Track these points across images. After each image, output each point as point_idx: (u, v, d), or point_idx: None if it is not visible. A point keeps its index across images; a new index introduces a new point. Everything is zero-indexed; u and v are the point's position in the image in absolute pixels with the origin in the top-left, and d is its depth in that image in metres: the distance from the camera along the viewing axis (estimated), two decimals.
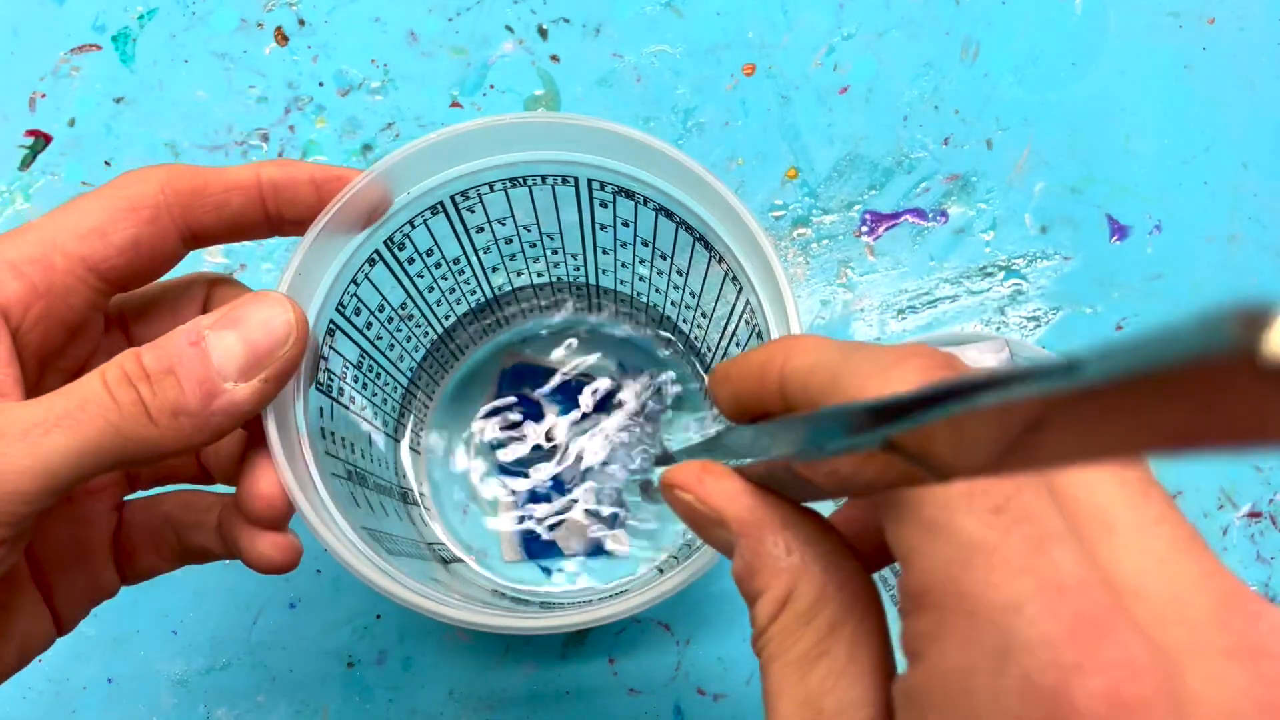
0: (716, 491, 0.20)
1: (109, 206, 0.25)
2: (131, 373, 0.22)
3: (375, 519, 0.32)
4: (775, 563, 0.19)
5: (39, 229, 0.25)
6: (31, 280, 0.24)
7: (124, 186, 0.25)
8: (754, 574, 0.19)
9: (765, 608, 0.19)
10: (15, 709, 0.39)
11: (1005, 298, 0.43)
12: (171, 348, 0.22)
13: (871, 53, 0.46)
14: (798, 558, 0.19)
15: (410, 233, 0.30)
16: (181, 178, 0.25)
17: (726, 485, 0.20)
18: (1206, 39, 0.46)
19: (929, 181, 0.44)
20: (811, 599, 0.18)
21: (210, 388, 0.22)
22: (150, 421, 0.22)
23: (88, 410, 0.21)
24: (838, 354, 0.18)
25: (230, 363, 0.23)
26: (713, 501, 0.20)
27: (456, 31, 0.46)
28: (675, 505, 0.21)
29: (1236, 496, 0.41)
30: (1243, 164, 0.44)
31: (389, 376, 0.35)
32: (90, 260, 0.25)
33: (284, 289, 0.26)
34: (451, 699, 0.39)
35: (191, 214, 0.26)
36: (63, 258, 0.24)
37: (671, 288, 0.34)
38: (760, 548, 0.19)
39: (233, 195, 0.26)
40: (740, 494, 0.20)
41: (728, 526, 0.20)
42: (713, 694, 0.39)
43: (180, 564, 0.29)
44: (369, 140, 0.44)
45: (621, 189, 0.30)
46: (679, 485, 0.20)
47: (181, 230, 0.26)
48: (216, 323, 0.23)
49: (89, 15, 0.46)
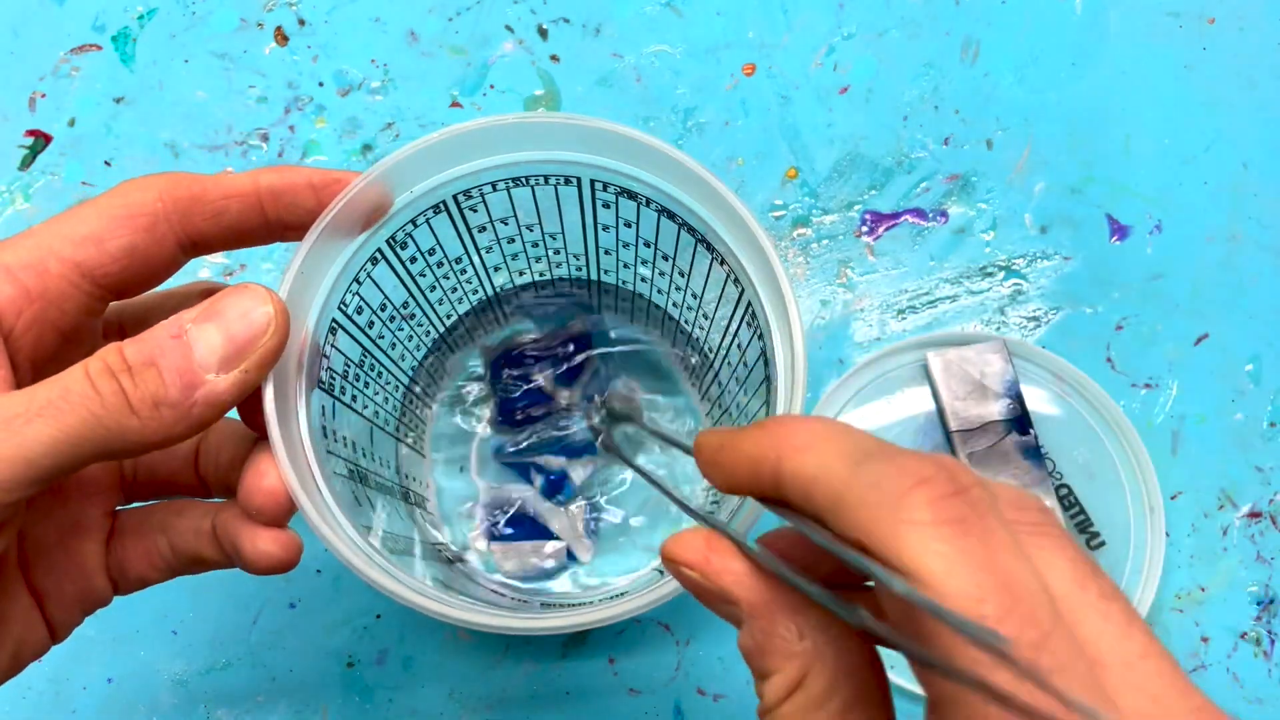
0: (724, 571, 0.20)
1: (106, 214, 0.25)
2: (113, 365, 0.22)
3: (377, 518, 0.32)
4: (787, 646, 0.19)
5: (35, 235, 0.25)
6: (25, 285, 0.24)
7: (122, 194, 0.25)
8: (764, 654, 0.19)
9: (776, 689, 0.19)
10: (15, 709, 0.39)
11: (1005, 298, 0.43)
12: (153, 340, 0.23)
13: (871, 53, 0.46)
14: (810, 643, 0.19)
15: (413, 231, 0.30)
16: (180, 185, 0.26)
17: (734, 566, 0.20)
18: (1206, 39, 0.46)
19: (929, 181, 0.44)
20: (824, 686, 0.18)
21: (191, 379, 0.23)
22: (131, 412, 0.22)
23: (69, 400, 0.22)
24: (841, 466, 0.18)
25: (211, 354, 0.23)
26: (720, 582, 0.20)
27: (456, 31, 0.46)
28: (679, 578, 0.21)
29: (1236, 496, 0.41)
30: (1243, 164, 0.44)
31: (391, 375, 0.35)
32: (85, 266, 0.25)
33: (285, 289, 0.26)
34: (451, 699, 0.39)
35: (190, 222, 0.26)
36: (57, 263, 0.24)
37: (673, 288, 0.34)
38: (772, 629, 0.19)
39: (231, 202, 0.26)
40: (748, 576, 0.19)
41: (738, 607, 0.19)
42: (713, 694, 0.39)
43: (172, 575, 0.29)
44: (369, 140, 0.44)
45: (624, 190, 0.30)
46: (684, 563, 0.20)
47: (180, 238, 0.26)
48: (198, 316, 0.23)
49: (89, 15, 0.46)
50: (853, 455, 0.18)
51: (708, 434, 0.21)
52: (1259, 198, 0.44)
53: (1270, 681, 0.39)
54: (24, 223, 0.43)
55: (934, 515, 0.16)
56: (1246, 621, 0.40)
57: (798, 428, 0.19)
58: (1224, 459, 0.42)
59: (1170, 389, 0.42)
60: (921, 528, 0.16)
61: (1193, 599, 0.40)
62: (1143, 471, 0.40)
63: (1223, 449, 0.42)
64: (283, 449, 0.25)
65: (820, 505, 0.18)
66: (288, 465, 0.25)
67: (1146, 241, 0.44)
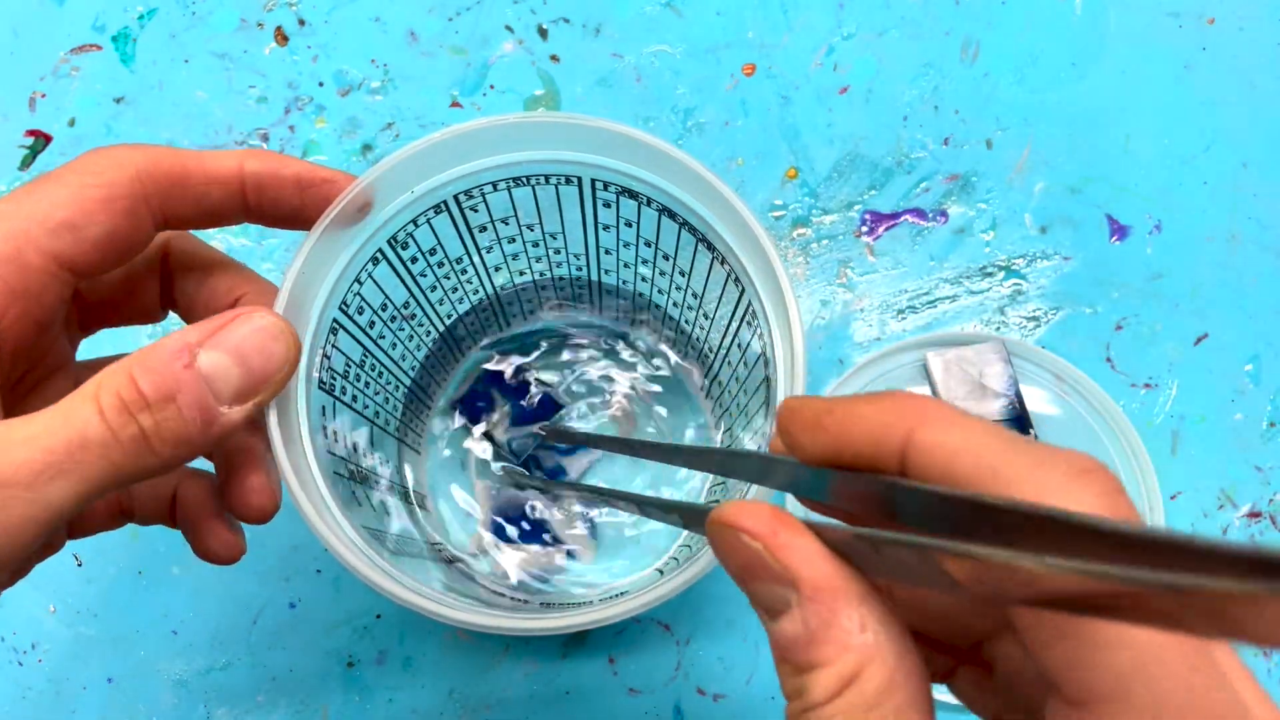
0: (793, 547, 0.18)
1: (80, 196, 0.23)
2: (130, 401, 0.21)
3: (376, 518, 0.32)
4: (847, 638, 0.17)
5: (7, 220, 0.23)
6: (8, 283, 0.23)
7: (95, 172, 0.24)
8: (816, 644, 0.18)
9: (827, 683, 0.17)
10: (15, 709, 0.39)
11: (1005, 298, 0.43)
12: (166, 370, 0.21)
13: (871, 53, 0.46)
14: (871, 636, 0.17)
15: (414, 231, 0.30)
16: (159, 165, 0.24)
17: (804, 544, 0.18)
18: (1206, 39, 0.46)
19: (929, 181, 0.44)
20: (881, 683, 0.17)
21: (209, 415, 0.22)
22: (152, 453, 0.21)
23: (90, 451, 0.21)
24: (994, 441, 0.17)
25: (227, 387, 0.22)
26: (786, 558, 0.18)
27: (456, 31, 0.46)
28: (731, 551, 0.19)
29: (1236, 496, 0.41)
30: (1243, 164, 0.44)
31: (391, 375, 0.35)
32: (63, 257, 0.23)
33: (287, 289, 0.26)
34: (451, 699, 0.39)
35: (169, 204, 0.25)
36: (37, 255, 0.23)
37: (674, 288, 0.34)
38: (834, 619, 0.17)
39: (214, 188, 0.25)
40: (819, 556, 0.18)
41: (797, 589, 0.18)
42: (713, 694, 0.39)
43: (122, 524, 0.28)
44: (369, 140, 0.44)
45: (625, 189, 0.30)
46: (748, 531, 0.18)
47: (156, 219, 0.25)
48: (206, 341, 0.22)
49: (89, 15, 0.46)
50: (1002, 435, 0.17)
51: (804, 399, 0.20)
52: (1259, 198, 0.44)
53: (1270, 681, 0.39)
54: None
55: (1106, 506, 0.16)
56: None
57: (933, 402, 0.18)
58: (1223, 459, 0.42)
59: (1170, 389, 0.42)
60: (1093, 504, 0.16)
61: None
62: (1142, 471, 0.40)
63: (1222, 449, 0.42)
64: (283, 450, 0.25)
65: (967, 474, 0.17)
66: (289, 466, 0.25)
67: (1146, 241, 0.44)
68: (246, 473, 0.27)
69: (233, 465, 0.27)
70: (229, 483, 0.27)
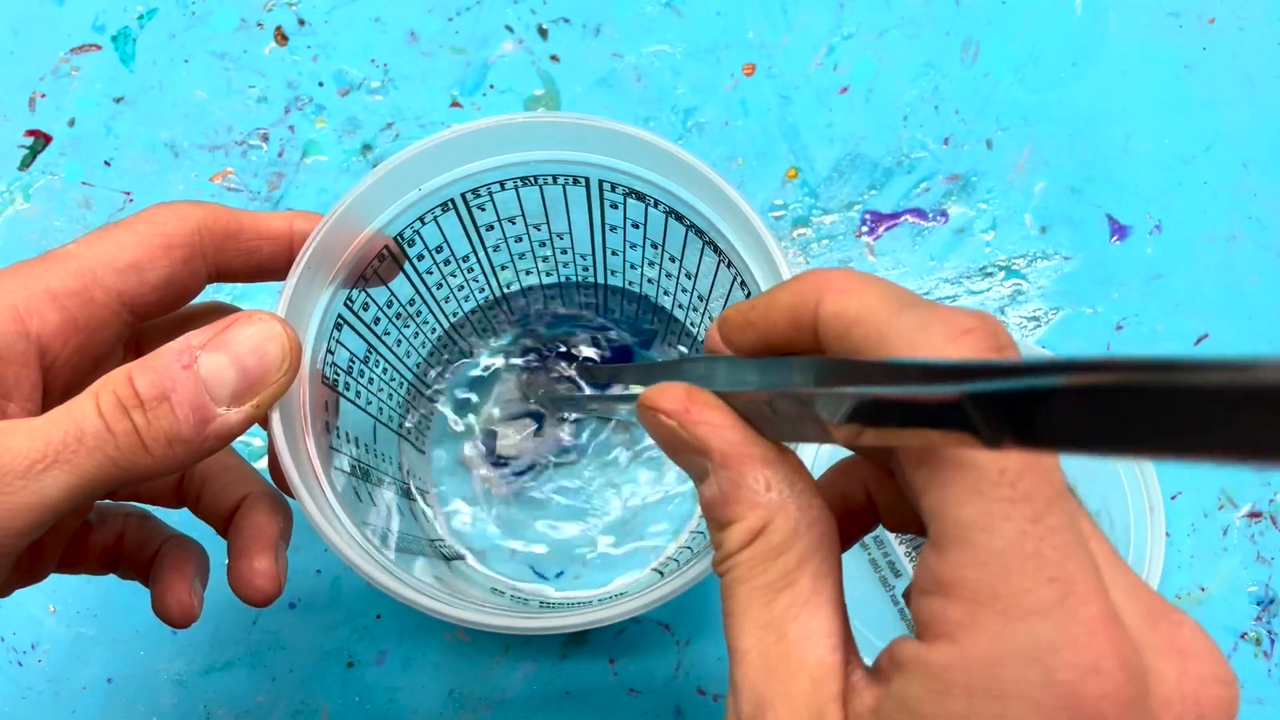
0: (702, 420, 0.20)
1: (146, 243, 0.25)
2: (125, 399, 0.22)
3: (378, 515, 0.32)
4: (754, 497, 0.19)
5: (77, 258, 0.25)
6: (72, 314, 0.24)
7: (160, 223, 0.26)
8: (729, 504, 0.20)
9: (737, 536, 0.19)
10: (15, 709, 0.39)
11: (1005, 298, 0.43)
12: (164, 370, 0.22)
13: (871, 53, 0.46)
14: (775, 494, 0.19)
15: (421, 229, 0.30)
16: (218, 221, 0.26)
17: (713, 416, 0.20)
18: (1206, 39, 0.46)
19: (929, 181, 0.44)
20: (784, 535, 0.19)
21: (204, 414, 0.22)
22: (145, 451, 0.22)
23: (85, 444, 0.21)
24: (884, 308, 0.18)
25: (224, 388, 0.23)
26: (698, 431, 0.20)
27: (456, 31, 0.46)
28: (654, 428, 0.21)
29: (1236, 496, 0.41)
30: (1243, 164, 0.44)
31: (395, 372, 0.35)
32: (126, 296, 0.25)
33: (291, 287, 0.26)
34: (451, 699, 0.39)
35: (223, 256, 0.27)
36: (102, 292, 0.25)
37: (679, 290, 0.34)
38: (741, 481, 0.20)
39: (264, 243, 0.27)
40: (726, 427, 0.20)
41: (709, 456, 0.20)
42: (713, 694, 0.39)
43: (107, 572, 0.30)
44: (369, 140, 0.44)
45: (632, 190, 0.30)
46: (664, 411, 0.20)
47: (210, 270, 0.27)
48: (208, 343, 0.23)
49: (89, 15, 0.46)
50: (896, 300, 0.18)
51: (734, 306, 0.22)
52: (1259, 198, 0.44)
53: (1270, 681, 0.40)
54: (24, 223, 0.43)
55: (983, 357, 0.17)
56: (1246, 621, 0.40)
57: (838, 273, 0.19)
58: None
59: None
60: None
61: (1193, 599, 0.40)
62: (1143, 471, 0.40)
63: None
64: (285, 448, 0.25)
65: (859, 345, 0.18)
66: (291, 465, 0.25)
67: (1146, 241, 0.44)
68: (255, 555, 0.27)
69: (244, 544, 0.27)
70: (237, 562, 0.27)
